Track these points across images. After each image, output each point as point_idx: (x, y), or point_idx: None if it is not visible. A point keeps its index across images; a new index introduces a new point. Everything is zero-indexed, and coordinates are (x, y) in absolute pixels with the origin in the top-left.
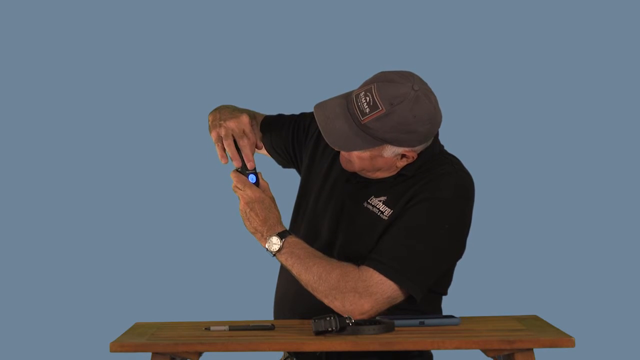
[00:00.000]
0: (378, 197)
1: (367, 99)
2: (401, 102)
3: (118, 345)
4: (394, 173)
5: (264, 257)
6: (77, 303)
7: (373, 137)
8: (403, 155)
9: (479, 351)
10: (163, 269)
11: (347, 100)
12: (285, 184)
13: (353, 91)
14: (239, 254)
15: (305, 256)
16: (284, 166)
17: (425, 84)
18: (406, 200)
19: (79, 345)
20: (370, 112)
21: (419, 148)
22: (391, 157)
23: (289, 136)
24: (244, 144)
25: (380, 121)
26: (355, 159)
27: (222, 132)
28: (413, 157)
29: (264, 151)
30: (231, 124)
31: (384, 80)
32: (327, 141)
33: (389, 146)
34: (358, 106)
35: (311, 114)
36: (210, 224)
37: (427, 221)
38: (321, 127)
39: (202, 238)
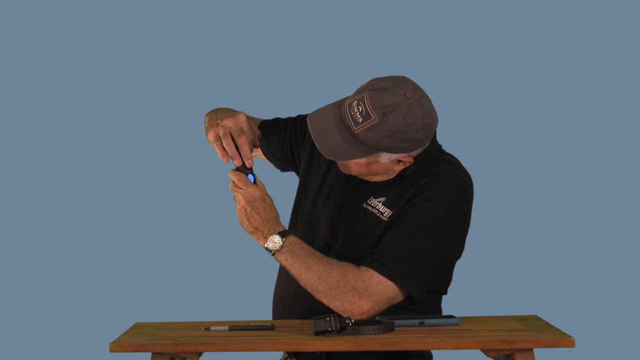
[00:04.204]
0: (377, 198)
1: (360, 108)
2: (394, 111)
3: (118, 345)
4: (392, 176)
5: (263, 257)
6: (77, 303)
7: (367, 146)
8: (399, 161)
9: (478, 351)
10: (163, 269)
11: (340, 109)
12: (283, 186)
13: (346, 99)
14: (239, 254)
15: (305, 256)
16: (282, 170)
17: (418, 89)
18: (406, 200)
19: (79, 345)
20: (363, 122)
21: (415, 153)
22: (387, 162)
23: (286, 139)
24: (242, 142)
25: (373, 131)
26: (353, 165)
27: (221, 132)
28: (410, 162)
29: (261, 155)
30: (229, 123)
31: (376, 88)
32: (321, 152)
33: (384, 153)
34: (351, 116)
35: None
36: (209, 224)
37: (427, 221)
38: (315, 139)
39: (201, 238)
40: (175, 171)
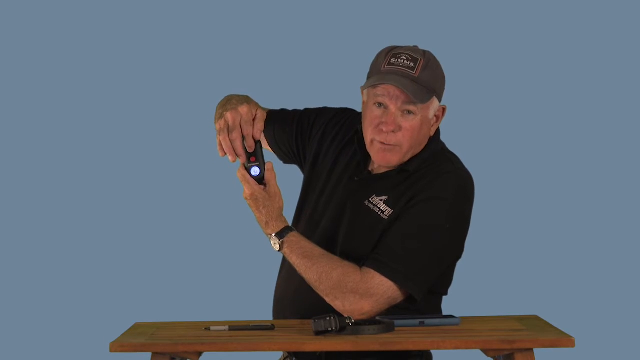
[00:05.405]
0: (380, 197)
1: (405, 56)
2: (425, 52)
3: (118, 345)
4: (417, 151)
5: (263, 257)
6: (77, 303)
7: (427, 89)
8: (436, 118)
9: (479, 351)
10: (163, 269)
11: (390, 72)
12: (288, 180)
13: (385, 68)
14: (239, 254)
15: (304, 255)
16: (285, 162)
17: None
18: (407, 200)
19: (79, 345)
20: (415, 65)
21: (442, 108)
22: (431, 118)
23: (293, 132)
24: (233, 137)
25: (426, 70)
26: (407, 134)
27: (221, 125)
28: (443, 113)
29: (266, 146)
30: (228, 116)
31: (395, 47)
32: (412, 96)
33: (434, 100)
34: (402, 66)
35: (316, 110)
36: (210, 224)
37: (428, 221)
38: (403, 88)
39: (201, 238)
40: (175, 171)
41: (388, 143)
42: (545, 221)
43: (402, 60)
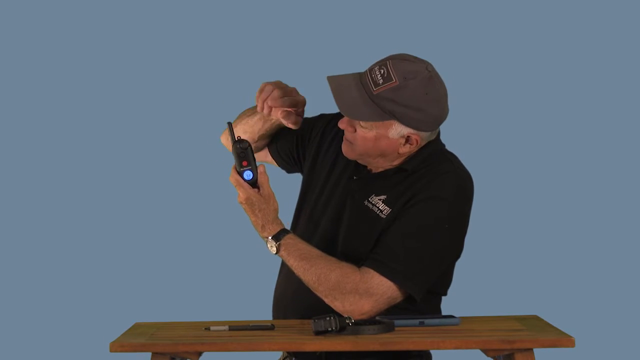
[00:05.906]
0: (378, 196)
1: (382, 71)
2: (414, 78)
3: (118, 345)
4: (395, 162)
5: (263, 256)
6: (77, 303)
7: (382, 110)
8: (407, 139)
9: (479, 351)
10: (163, 269)
11: (360, 74)
12: (287, 183)
13: (363, 72)
14: (239, 254)
15: (302, 257)
16: (288, 171)
17: (437, 74)
18: (405, 199)
19: (79, 345)
20: (383, 83)
21: (424, 135)
22: (396, 138)
23: (293, 137)
24: (281, 96)
25: (392, 93)
26: (359, 140)
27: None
28: (416, 142)
29: (269, 158)
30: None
31: (399, 58)
32: (338, 107)
33: (396, 124)
34: (371, 77)
35: (314, 116)
36: (209, 224)
37: (427, 221)
38: (333, 94)
39: (201, 238)
40: (176, 171)
41: (345, 137)
42: (545, 221)
43: (378, 73)
